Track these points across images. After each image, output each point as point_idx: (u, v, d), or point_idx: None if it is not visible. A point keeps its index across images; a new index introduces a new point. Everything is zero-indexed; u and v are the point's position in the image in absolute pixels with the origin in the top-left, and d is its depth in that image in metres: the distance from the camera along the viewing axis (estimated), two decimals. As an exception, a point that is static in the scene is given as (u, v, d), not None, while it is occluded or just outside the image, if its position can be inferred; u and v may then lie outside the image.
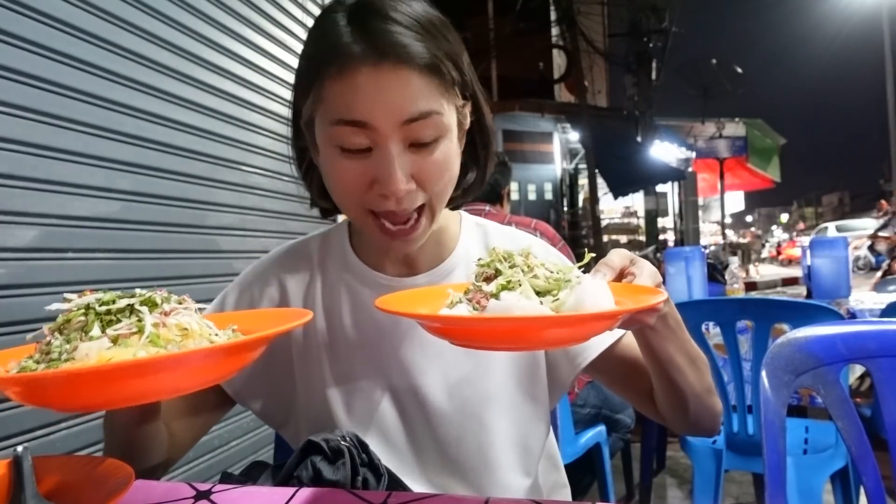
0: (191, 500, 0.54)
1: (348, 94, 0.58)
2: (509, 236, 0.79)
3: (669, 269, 2.19)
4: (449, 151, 0.62)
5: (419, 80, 0.58)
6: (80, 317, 0.43)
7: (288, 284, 0.75)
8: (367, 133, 0.58)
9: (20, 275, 1.22)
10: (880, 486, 0.75)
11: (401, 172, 0.58)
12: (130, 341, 0.41)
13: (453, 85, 0.62)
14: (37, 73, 1.26)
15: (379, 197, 0.60)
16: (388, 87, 0.57)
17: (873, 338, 0.78)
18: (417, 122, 0.58)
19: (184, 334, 0.43)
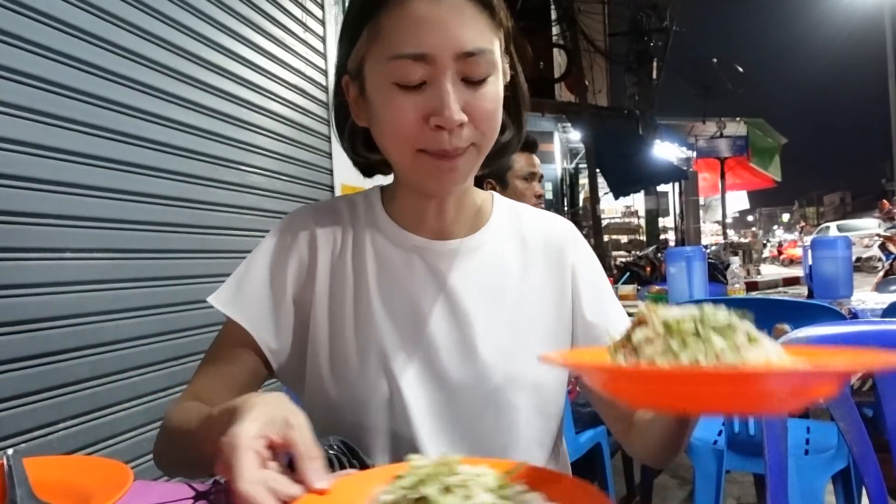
0: (190, 500, 0.54)
1: (407, 26, 0.59)
2: (543, 222, 0.79)
3: (670, 269, 2.18)
4: (497, 92, 0.63)
5: (476, 14, 0.61)
6: (690, 324, 0.41)
7: (319, 240, 0.73)
8: (425, 66, 0.59)
9: (19, 274, 1.22)
10: (882, 486, 0.74)
11: (455, 103, 0.59)
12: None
13: (501, 28, 0.64)
14: (37, 73, 1.26)
15: (432, 133, 0.61)
16: (447, 18, 0.59)
17: (875, 338, 0.78)
18: (473, 56, 0.60)
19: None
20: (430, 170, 0.64)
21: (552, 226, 0.78)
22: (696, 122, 11.09)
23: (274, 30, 2.20)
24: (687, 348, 0.40)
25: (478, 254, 0.73)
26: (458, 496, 0.38)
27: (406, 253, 0.72)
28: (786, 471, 0.75)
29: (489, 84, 0.62)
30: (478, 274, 0.72)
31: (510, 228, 0.76)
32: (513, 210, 0.79)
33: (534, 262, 0.75)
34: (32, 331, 1.24)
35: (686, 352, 0.40)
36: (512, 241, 0.75)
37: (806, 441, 1.66)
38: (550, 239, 0.77)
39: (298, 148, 2.33)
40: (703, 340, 0.40)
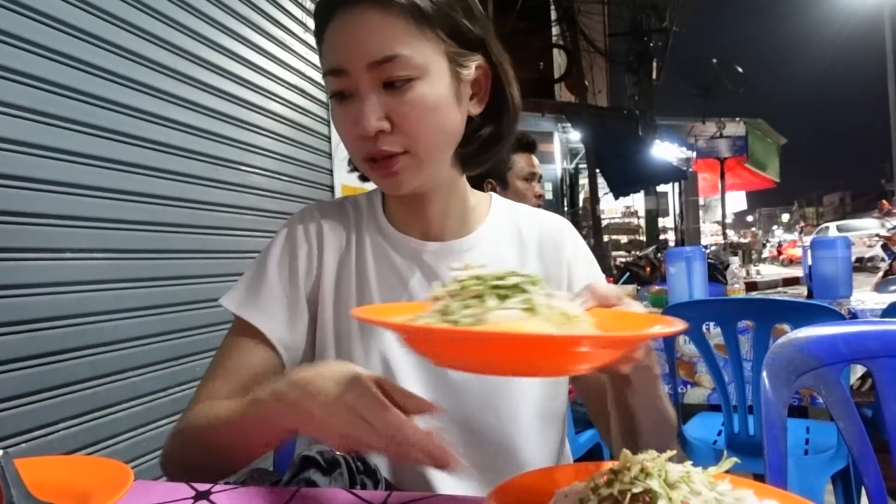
0: (190, 500, 0.54)
1: (328, 45, 0.63)
2: (539, 219, 0.79)
3: (670, 269, 2.18)
4: (429, 95, 0.62)
5: (387, 22, 0.60)
6: (475, 286, 0.43)
7: (326, 238, 0.75)
8: (344, 80, 0.62)
9: (19, 275, 1.22)
10: (881, 486, 0.75)
11: (371, 113, 0.61)
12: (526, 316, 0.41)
13: (434, 28, 0.62)
14: (37, 73, 1.26)
15: (362, 140, 0.63)
16: (356, 31, 0.61)
17: (874, 338, 0.78)
18: (385, 63, 0.60)
19: (566, 319, 0.42)
20: (375, 179, 0.67)
21: (548, 223, 0.79)
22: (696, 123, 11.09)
23: (274, 30, 2.20)
24: (467, 307, 0.42)
25: (473, 253, 0.73)
26: (682, 491, 0.39)
27: (404, 255, 0.73)
28: (785, 471, 0.76)
29: (414, 89, 0.61)
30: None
31: (507, 228, 0.77)
32: (511, 210, 0.79)
33: (531, 260, 0.75)
34: (32, 331, 1.24)
35: (460, 312, 0.42)
36: (509, 241, 0.76)
37: (805, 441, 1.66)
38: (546, 235, 0.77)
39: (298, 148, 2.33)
40: (482, 300, 0.42)
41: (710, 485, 0.40)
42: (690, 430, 1.80)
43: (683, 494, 0.38)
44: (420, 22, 0.61)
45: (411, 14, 0.61)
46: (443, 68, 0.63)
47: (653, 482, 0.38)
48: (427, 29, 0.62)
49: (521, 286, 0.43)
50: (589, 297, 0.51)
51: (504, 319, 0.40)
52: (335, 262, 0.74)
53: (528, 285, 0.43)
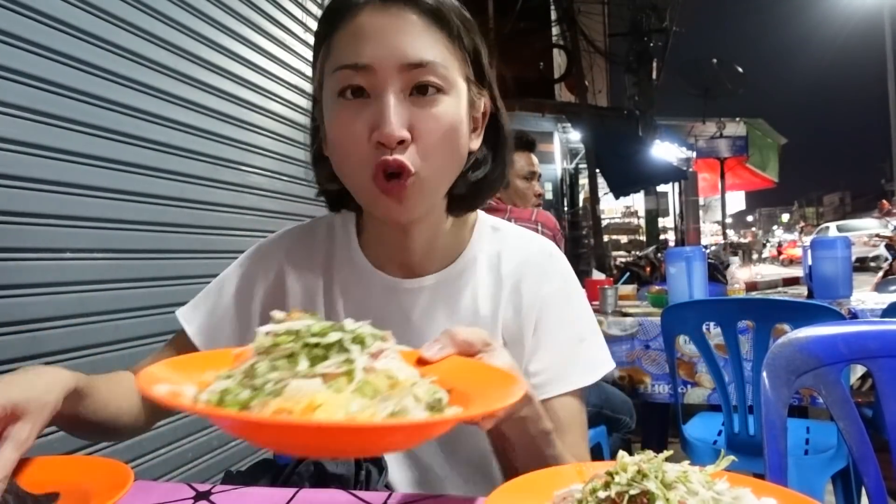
0: (191, 500, 0.54)
1: (351, 38, 0.58)
2: (524, 242, 0.73)
3: (670, 269, 2.18)
4: (452, 114, 0.59)
5: (423, 25, 0.58)
6: (289, 343, 0.39)
7: (289, 278, 0.72)
8: (367, 77, 0.57)
9: (19, 275, 1.22)
10: (881, 486, 0.75)
11: (396, 118, 0.56)
12: (339, 383, 0.37)
13: (462, 50, 0.61)
14: (37, 73, 1.26)
15: (375, 147, 0.57)
16: (390, 27, 0.57)
17: (874, 338, 0.78)
18: (418, 68, 0.57)
19: (391, 384, 0.39)
20: (379, 203, 0.60)
21: (533, 253, 0.72)
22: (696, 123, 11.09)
23: (274, 30, 2.20)
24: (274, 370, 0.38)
25: (450, 290, 0.69)
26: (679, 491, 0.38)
27: (376, 293, 0.69)
28: (785, 470, 0.76)
29: (441, 102, 0.58)
30: (450, 312, 0.69)
31: (487, 261, 0.71)
32: (496, 233, 0.73)
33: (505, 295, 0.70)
34: (32, 331, 1.24)
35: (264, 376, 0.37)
36: (487, 275, 0.71)
37: (806, 441, 1.66)
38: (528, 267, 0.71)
39: (298, 148, 2.33)
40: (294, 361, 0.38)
41: (707, 484, 0.40)
42: (690, 431, 1.80)
43: (680, 495, 0.38)
44: (453, 39, 0.60)
45: (447, 28, 0.60)
46: (464, 91, 0.62)
47: (649, 483, 0.38)
48: (458, 48, 0.61)
49: (343, 344, 0.39)
50: (447, 345, 0.47)
51: (303, 391, 0.35)
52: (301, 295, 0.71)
53: (351, 343, 0.39)
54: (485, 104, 0.66)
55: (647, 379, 2.02)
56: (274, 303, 0.72)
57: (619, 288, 2.55)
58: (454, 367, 0.47)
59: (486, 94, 0.66)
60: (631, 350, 2.05)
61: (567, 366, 0.68)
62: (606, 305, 2.27)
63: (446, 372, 0.45)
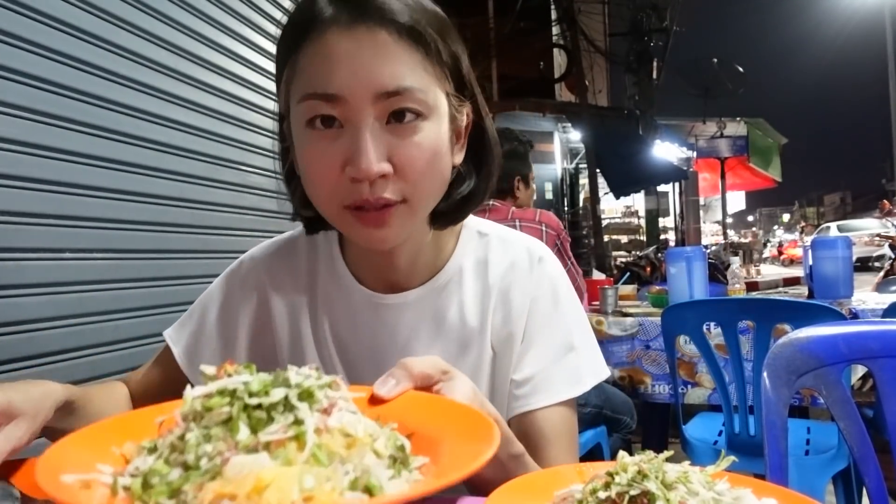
0: (189, 501, 0.54)
1: (318, 62, 0.53)
2: (511, 246, 0.69)
3: (670, 269, 2.18)
4: (434, 139, 0.55)
5: (398, 46, 0.52)
6: (224, 406, 0.33)
7: (273, 298, 0.70)
8: (339, 107, 0.52)
9: (19, 274, 1.22)
10: (882, 487, 0.74)
11: (373, 151, 0.51)
12: (289, 452, 0.31)
13: (441, 65, 0.56)
14: (37, 73, 1.26)
15: (351, 183, 0.53)
16: (362, 52, 0.52)
17: (875, 338, 0.77)
18: (395, 97, 0.52)
19: (348, 443, 0.34)
20: (357, 230, 0.56)
21: (520, 254, 0.69)
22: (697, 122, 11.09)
23: (274, 30, 2.20)
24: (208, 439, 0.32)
25: (436, 302, 0.66)
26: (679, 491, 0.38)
27: (359, 310, 0.67)
28: (786, 471, 0.75)
29: (421, 129, 0.54)
30: (437, 325, 0.66)
31: (473, 269, 0.68)
32: (482, 239, 0.70)
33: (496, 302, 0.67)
34: (32, 331, 1.24)
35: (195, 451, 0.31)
36: (473, 284, 0.67)
37: (806, 441, 1.66)
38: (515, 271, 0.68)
39: (298, 148, 2.34)
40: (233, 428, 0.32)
41: (707, 484, 0.40)
42: (691, 431, 1.79)
43: (681, 495, 0.38)
44: (431, 55, 0.55)
45: (424, 46, 0.54)
46: (444, 109, 0.57)
47: (650, 483, 0.38)
48: (436, 64, 0.55)
49: (288, 402, 0.33)
50: (402, 379, 0.44)
51: (247, 468, 0.30)
52: (287, 314, 0.69)
53: (299, 401, 0.34)
54: (467, 114, 0.61)
55: (648, 379, 2.02)
56: (259, 323, 0.70)
57: (619, 288, 2.55)
58: (413, 406, 0.43)
59: (468, 103, 0.61)
60: (631, 350, 2.04)
61: (553, 376, 0.65)
62: (607, 305, 2.27)
63: (405, 411, 0.42)
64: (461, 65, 0.59)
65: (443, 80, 0.57)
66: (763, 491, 0.42)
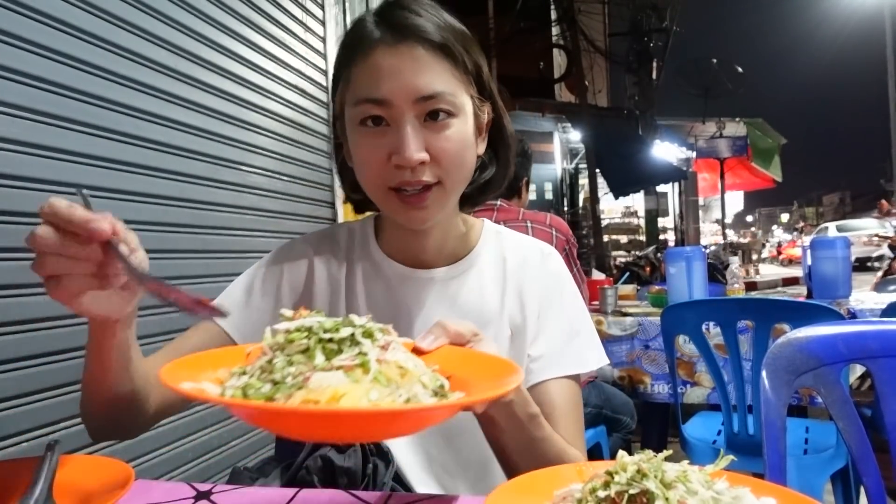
0: (191, 500, 0.54)
1: (369, 73, 0.66)
2: (523, 245, 0.81)
3: (670, 269, 2.19)
4: (462, 133, 0.67)
5: (432, 59, 0.66)
6: (302, 339, 0.41)
7: (316, 270, 0.79)
8: (385, 109, 0.65)
9: (19, 274, 1.22)
10: (881, 486, 0.75)
11: (414, 143, 0.64)
12: (356, 374, 0.39)
13: (466, 73, 0.69)
14: (37, 73, 1.26)
15: (395, 169, 0.65)
16: (404, 65, 0.65)
17: (874, 338, 0.78)
18: (430, 100, 0.65)
19: (402, 373, 0.41)
20: (399, 209, 0.68)
21: (532, 252, 0.81)
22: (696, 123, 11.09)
23: (274, 30, 2.20)
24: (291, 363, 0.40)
25: (459, 283, 0.77)
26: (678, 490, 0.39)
27: (393, 281, 0.77)
28: (785, 470, 0.76)
29: (452, 125, 0.66)
30: (459, 303, 0.76)
31: (493, 258, 0.79)
32: (497, 238, 0.82)
33: (510, 290, 0.77)
34: (33, 331, 1.24)
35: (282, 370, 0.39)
36: (493, 270, 0.79)
37: (805, 441, 1.66)
38: (528, 266, 0.79)
39: (298, 148, 2.33)
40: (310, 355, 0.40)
41: (706, 483, 0.40)
42: (690, 430, 1.80)
43: (680, 494, 0.38)
44: (458, 66, 0.67)
45: (452, 58, 0.67)
46: (470, 108, 0.69)
47: (649, 483, 0.39)
48: (462, 72, 0.68)
49: (355, 338, 0.41)
50: (440, 335, 0.52)
51: (326, 383, 0.38)
52: (327, 288, 0.78)
53: (362, 337, 0.41)
54: (487, 112, 0.73)
55: (647, 379, 2.02)
56: (303, 292, 0.78)
57: (618, 288, 2.55)
58: (449, 356, 0.50)
59: (488, 103, 0.73)
60: (631, 350, 2.05)
61: (562, 354, 0.75)
62: (606, 305, 2.27)
63: (443, 360, 0.48)
64: (482, 72, 0.72)
65: (468, 84, 0.69)
66: (762, 490, 0.42)
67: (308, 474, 0.60)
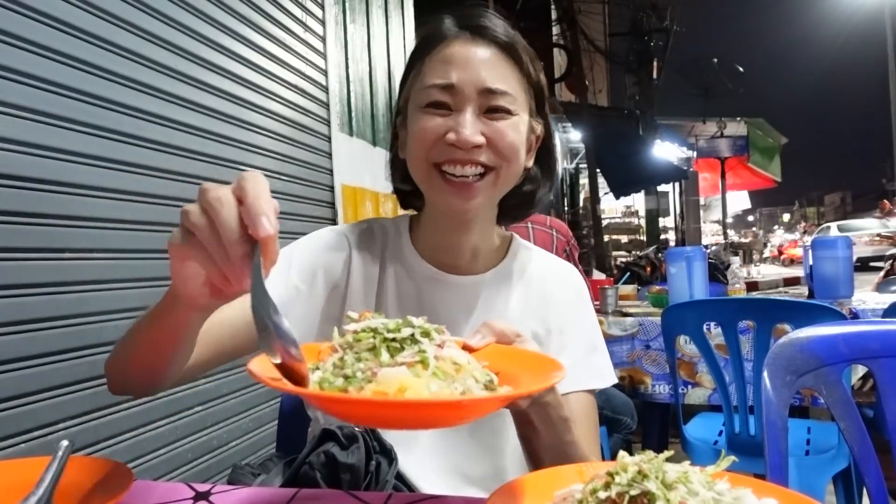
0: (190, 500, 0.54)
1: (442, 62, 0.70)
2: (548, 261, 0.85)
3: (671, 269, 2.18)
4: (517, 132, 0.71)
5: (501, 59, 0.71)
6: (369, 338, 0.46)
7: (353, 263, 0.79)
8: (452, 95, 0.69)
9: (19, 274, 1.22)
10: (883, 486, 0.74)
11: (472, 126, 0.68)
12: (417, 370, 0.44)
13: (530, 84, 0.74)
14: (37, 73, 1.26)
15: (447, 147, 0.68)
16: (476, 58, 0.70)
17: (875, 338, 0.77)
18: (494, 94, 0.69)
19: (456, 368, 0.46)
20: (441, 190, 0.70)
21: (553, 270, 0.84)
22: (697, 122, 11.09)
23: (274, 30, 2.20)
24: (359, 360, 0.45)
25: (488, 292, 0.79)
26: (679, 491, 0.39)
27: (421, 285, 0.78)
28: (786, 471, 0.75)
29: (510, 120, 0.70)
30: (485, 312, 0.77)
31: (519, 271, 0.82)
32: (526, 253, 0.84)
33: (532, 304, 0.80)
34: (33, 331, 1.24)
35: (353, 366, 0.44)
36: (518, 284, 0.81)
37: (807, 441, 1.66)
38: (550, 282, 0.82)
39: (298, 148, 2.33)
40: (376, 352, 0.45)
41: (708, 484, 0.40)
42: (691, 431, 1.79)
43: (681, 495, 0.38)
44: (523, 73, 0.73)
45: (519, 64, 0.72)
46: (526, 118, 0.73)
47: (650, 483, 0.38)
48: (525, 82, 0.73)
49: (414, 337, 0.46)
50: (487, 334, 0.55)
51: (392, 377, 0.42)
52: (362, 283, 0.79)
53: (421, 336, 0.46)
54: (539, 130, 0.77)
55: (648, 379, 2.02)
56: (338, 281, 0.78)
57: (619, 288, 2.55)
58: (496, 353, 0.53)
59: (542, 123, 0.78)
60: (631, 350, 2.04)
61: (582, 369, 0.77)
62: (607, 305, 2.26)
63: (491, 357, 0.52)
64: (543, 90, 0.76)
65: (528, 94, 0.74)
66: (763, 491, 0.42)
67: (311, 470, 0.60)
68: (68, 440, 0.52)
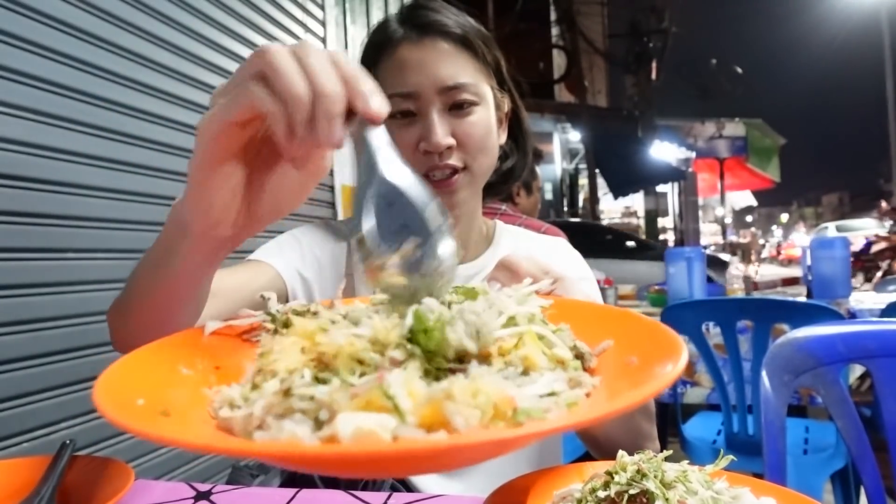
0: (191, 500, 0.54)
1: (395, 69, 0.69)
2: (532, 239, 0.84)
3: (670, 269, 2.19)
4: (486, 120, 0.71)
5: (454, 51, 0.69)
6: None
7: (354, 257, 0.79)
8: (413, 101, 0.68)
9: (21, 274, 1.22)
10: (880, 485, 0.75)
11: (441, 129, 0.67)
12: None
13: (486, 65, 0.72)
14: (37, 73, 1.26)
15: (424, 156, 0.68)
16: (428, 58, 0.68)
17: (873, 338, 0.78)
18: (454, 90, 0.68)
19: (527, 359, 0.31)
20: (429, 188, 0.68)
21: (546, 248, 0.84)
22: (695, 123, 11.10)
23: (275, 31, 2.20)
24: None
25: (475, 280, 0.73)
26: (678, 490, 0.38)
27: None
28: (784, 470, 0.76)
29: (475, 113, 0.70)
30: None
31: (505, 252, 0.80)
32: (512, 237, 0.84)
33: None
34: (34, 331, 1.24)
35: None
36: None
37: (805, 440, 1.66)
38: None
39: (298, 148, 2.34)
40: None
41: (706, 483, 0.40)
42: (690, 430, 1.80)
43: (680, 494, 0.38)
44: (478, 58, 0.71)
45: (473, 51, 0.71)
46: (491, 99, 0.73)
47: (649, 483, 0.38)
48: (483, 64, 0.72)
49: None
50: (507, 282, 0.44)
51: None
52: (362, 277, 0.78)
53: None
54: (507, 104, 0.77)
55: (647, 379, 2.02)
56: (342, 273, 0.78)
57: (619, 288, 2.55)
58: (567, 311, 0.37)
59: (507, 95, 0.77)
60: (630, 350, 2.04)
61: None
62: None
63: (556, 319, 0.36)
64: (501, 65, 0.75)
65: (489, 76, 0.73)
66: (761, 490, 0.42)
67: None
68: (70, 439, 0.52)
